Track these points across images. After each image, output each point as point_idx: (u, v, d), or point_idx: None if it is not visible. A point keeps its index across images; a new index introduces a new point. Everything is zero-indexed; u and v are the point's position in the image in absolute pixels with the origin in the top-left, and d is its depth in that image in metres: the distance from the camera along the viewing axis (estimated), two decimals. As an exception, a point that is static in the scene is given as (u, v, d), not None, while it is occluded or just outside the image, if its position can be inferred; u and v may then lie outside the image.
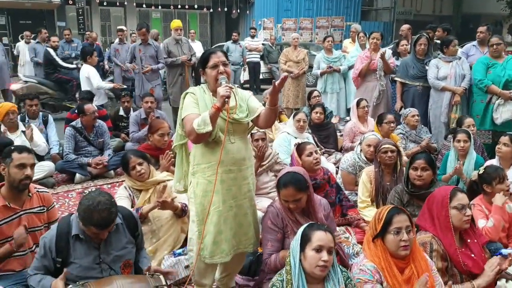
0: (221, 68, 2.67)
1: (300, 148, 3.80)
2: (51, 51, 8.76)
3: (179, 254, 3.34)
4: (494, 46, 5.52)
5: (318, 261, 2.19)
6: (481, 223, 3.24)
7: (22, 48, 10.27)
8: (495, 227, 3.20)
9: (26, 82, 8.33)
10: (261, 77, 13.02)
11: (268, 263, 2.68)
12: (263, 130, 4.27)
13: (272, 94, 2.55)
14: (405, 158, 4.50)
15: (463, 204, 2.61)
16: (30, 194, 2.93)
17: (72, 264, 2.40)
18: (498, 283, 2.70)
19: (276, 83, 2.46)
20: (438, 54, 6.15)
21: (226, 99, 2.47)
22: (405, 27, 7.91)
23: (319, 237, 2.23)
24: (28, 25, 16.06)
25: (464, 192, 2.71)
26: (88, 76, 6.96)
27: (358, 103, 5.90)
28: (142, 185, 3.58)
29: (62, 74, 8.67)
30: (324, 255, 2.19)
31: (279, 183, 2.74)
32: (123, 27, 11.63)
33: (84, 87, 7.01)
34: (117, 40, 10.17)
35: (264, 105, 2.83)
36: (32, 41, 10.27)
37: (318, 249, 2.21)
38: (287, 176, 2.74)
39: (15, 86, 8.21)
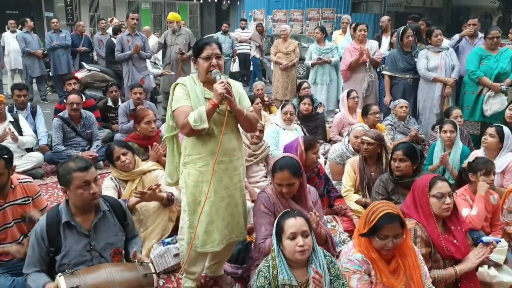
0: (214, 61, 2.66)
1: (309, 144, 3.77)
2: (115, 41, 8.89)
3: (168, 243, 3.36)
4: (495, 39, 5.55)
5: (295, 247, 2.25)
6: (465, 212, 3.28)
7: (7, 37, 10.05)
8: (478, 216, 3.25)
9: (89, 70, 8.68)
10: (251, 68, 12.99)
11: (263, 247, 2.71)
12: (261, 122, 4.31)
13: (230, 105, 2.59)
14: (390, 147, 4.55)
15: (442, 192, 2.64)
16: (12, 186, 2.91)
17: (64, 252, 2.40)
18: (480, 269, 2.76)
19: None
20: (419, 45, 6.22)
21: (224, 96, 2.49)
22: (385, 18, 7.93)
23: (290, 225, 2.28)
24: (15, 15, 15.81)
25: (446, 181, 2.75)
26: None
27: (348, 94, 5.93)
28: (128, 175, 3.58)
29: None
30: (299, 240, 2.25)
31: (275, 166, 2.78)
32: (114, 18, 11.58)
33: None
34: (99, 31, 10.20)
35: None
36: (18, 30, 10.12)
37: (292, 237, 2.26)
38: (283, 160, 2.79)
39: (79, 74, 8.55)
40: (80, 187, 2.37)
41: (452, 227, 2.71)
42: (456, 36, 6.49)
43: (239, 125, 2.84)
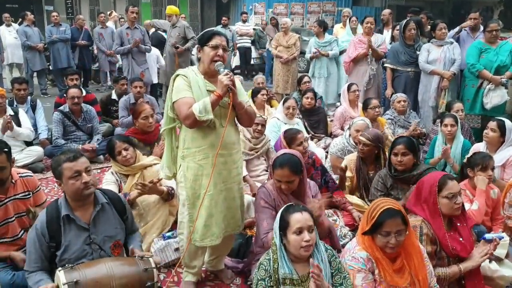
0: (220, 51, 2.65)
1: (290, 138, 3.75)
2: (164, 34, 9.30)
3: (169, 237, 3.36)
4: (494, 32, 5.53)
5: (301, 242, 2.23)
6: (465, 207, 3.27)
7: (3, 31, 9.97)
8: (479, 210, 3.24)
9: None
10: (252, 62, 12.96)
11: (265, 241, 2.70)
12: (264, 116, 4.28)
13: (233, 98, 2.59)
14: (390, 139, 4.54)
15: (453, 193, 2.59)
16: (13, 180, 2.90)
17: (64, 247, 2.39)
18: (482, 264, 2.75)
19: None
20: (421, 39, 6.18)
21: (229, 88, 2.50)
22: (386, 11, 7.90)
23: (296, 219, 2.26)
24: (15, 9, 15.74)
25: (454, 179, 2.69)
26: (158, 55, 8.27)
27: (349, 88, 5.91)
28: (129, 169, 3.57)
29: None
30: (305, 236, 2.24)
31: (275, 162, 2.77)
32: (113, 12, 11.55)
33: (152, 65, 7.87)
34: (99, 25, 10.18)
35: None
36: (13, 24, 10.05)
37: (298, 232, 2.25)
38: (284, 157, 2.78)
39: None
40: (71, 177, 2.35)
41: (458, 224, 2.68)
42: (456, 28, 6.47)
43: (235, 118, 2.84)
